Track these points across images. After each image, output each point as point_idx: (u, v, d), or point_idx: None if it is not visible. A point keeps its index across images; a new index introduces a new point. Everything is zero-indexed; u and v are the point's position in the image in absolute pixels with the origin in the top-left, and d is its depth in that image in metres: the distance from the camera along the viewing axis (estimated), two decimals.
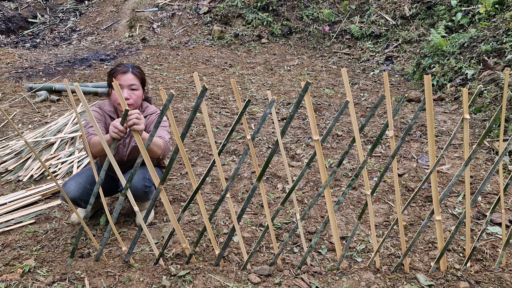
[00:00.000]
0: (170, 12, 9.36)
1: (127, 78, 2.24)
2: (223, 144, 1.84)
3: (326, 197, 1.93)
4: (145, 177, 2.35)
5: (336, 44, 8.28)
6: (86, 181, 2.35)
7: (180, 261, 2.13)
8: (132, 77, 2.25)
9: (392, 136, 1.79)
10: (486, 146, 3.67)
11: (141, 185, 2.32)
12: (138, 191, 2.32)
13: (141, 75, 2.33)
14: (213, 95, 5.32)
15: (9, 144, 3.57)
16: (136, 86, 2.27)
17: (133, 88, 2.26)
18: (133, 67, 2.31)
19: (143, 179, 2.33)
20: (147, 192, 2.38)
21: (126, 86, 2.25)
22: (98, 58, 7.24)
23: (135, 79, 2.27)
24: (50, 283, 1.92)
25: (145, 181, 2.35)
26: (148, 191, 2.39)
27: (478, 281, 1.99)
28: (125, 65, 2.30)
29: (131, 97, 2.25)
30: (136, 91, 2.28)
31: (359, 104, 5.10)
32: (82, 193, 2.30)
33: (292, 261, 2.17)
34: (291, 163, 3.44)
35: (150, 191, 2.41)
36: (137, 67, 2.33)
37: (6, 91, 5.30)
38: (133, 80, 2.25)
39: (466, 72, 5.06)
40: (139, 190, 2.32)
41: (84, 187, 2.32)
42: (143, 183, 2.33)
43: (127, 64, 2.31)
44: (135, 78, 2.27)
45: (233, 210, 1.97)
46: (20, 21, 9.51)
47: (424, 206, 2.76)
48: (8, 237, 2.35)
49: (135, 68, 2.32)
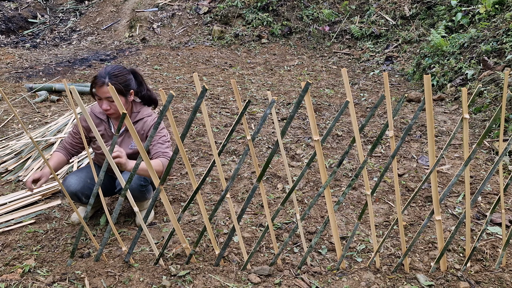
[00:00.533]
0: (170, 12, 9.36)
1: (103, 91, 2.19)
2: (223, 144, 1.84)
3: (326, 197, 1.93)
4: (140, 176, 2.34)
5: (336, 44, 8.28)
6: (86, 176, 2.39)
7: (180, 261, 2.13)
8: (108, 90, 2.18)
9: (392, 136, 1.79)
10: (486, 146, 3.67)
11: (137, 185, 2.33)
12: (134, 191, 2.32)
13: (119, 85, 2.21)
14: (213, 95, 5.33)
15: (9, 144, 3.57)
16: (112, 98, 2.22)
17: (111, 100, 2.21)
18: (110, 78, 2.21)
19: (139, 178, 2.34)
20: (143, 191, 2.39)
21: (104, 98, 2.22)
22: (98, 58, 7.24)
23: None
24: (50, 283, 1.92)
25: (141, 180, 2.35)
26: (145, 190, 2.40)
27: (478, 281, 1.99)
28: (101, 77, 2.20)
29: (110, 107, 2.23)
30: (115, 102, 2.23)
31: (359, 104, 5.10)
32: (83, 187, 2.33)
33: (292, 261, 2.17)
34: (291, 163, 3.44)
35: (146, 190, 2.42)
36: (114, 77, 2.22)
37: (6, 91, 5.30)
38: (109, 93, 2.18)
39: (466, 72, 5.06)
40: (135, 190, 2.33)
41: (84, 181, 2.35)
42: (138, 183, 2.34)
43: (104, 75, 2.21)
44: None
45: (233, 210, 1.97)
46: (20, 21, 9.51)
47: (424, 206, 2.76)
48: (8, 237, 2.35)
49: (111, 78, 2.21)
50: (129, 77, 2.30)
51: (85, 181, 2.36)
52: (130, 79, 2.30)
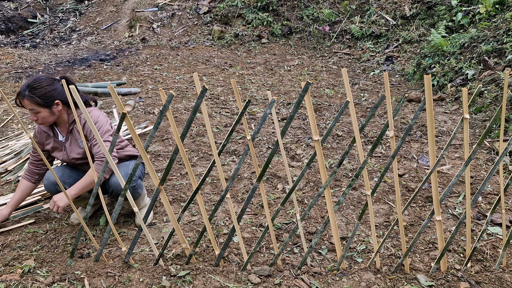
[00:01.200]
0: (170, 12, 9.35)
1: (25, 104, 2.18)
2: (223, 144, 1.84)
3: (326, 198, 1.93)
4: (128, 173, 2.37)
5: (336, 44, 8.28)
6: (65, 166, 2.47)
7: (180, 262, 2.12)
8: (28, 103, 2.16)
9: (392, 136, 1.79)
10: (487, 146, 3.67)
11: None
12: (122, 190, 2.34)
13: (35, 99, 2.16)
14: (213, 95, 5.32)
15: (9, 144, 3.57)
16: (35, 110, 2.18)
17: (34, 112, 2.19)
18: (29, 90, 2.15)
19: (126, 176, 2.35)
20: (134, 187, 2.40)
21: (29, 110, 2.20)
22: (98, 58, 7.24)
23: (31, 104, 2.16)
24: (50, 284, 1.92)
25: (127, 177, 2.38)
26: (135, 185, 2.41)
27: (478, 282, 1.98)
28: (22, 90, 2.17)
29: (37, 118, 2.22)
30: (38, 113, 2.19)
31: (359, 104, 5.09)
32: (62, 175, 2.40)
33: (292, 262, 2.17)
34: (291, 163, 3.43)
35: (137, 185, 2.43)
36: (33, 89, 2.16)
37: (6, 91, 5.30)
38: (30, 105, 2.17)
39: (466, 72, 5.06)
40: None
41: (63, 170, 2.43)
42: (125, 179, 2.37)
43: (24, 87, 2.17)
44: (31, 103, 2.16)
45: (233, 211, 1.96)
46: (19, 21, 9.51)
47: (424, 206, 2.75)
48: (8, 237, 2.35)
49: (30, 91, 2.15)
50: (51, 88, 2.21)
51: (64, 170, 2.43)
52: (53, 90, 2.21)
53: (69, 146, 2.36)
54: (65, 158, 2.39)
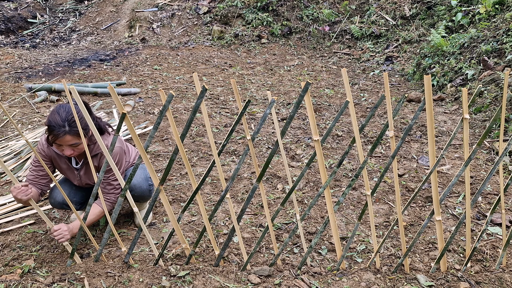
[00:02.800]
0: (170, 12, 9.35)
1: (66, 140, 2.01)
2: (223, 144, 1.84)
3: (326, 198, 1.93)
4: (147, 176, 2.44)
5: (336, 44, 8.28)
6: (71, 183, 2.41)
7: (180, 262, 2.12)
8: (71, 138, 2.02)
9: (392, 136, 1.79)
10: (486, 146, 3.67)
11: (146, 185, 2.41)
12: (144, 192, 2.40)
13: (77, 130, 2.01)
14: (213, 95, 5.32)
15: (9, 145, 3.57)
16: (77, 143, 2.05)
17: (75, 146, 2.07)
18: (69, 126, 2.00)
19: (146, 179, 2.42)
20: (151, 190, 2.47)
21: (67, 146, 2.06)
22: (97, 58, 7.24)
23: (74, 139, 2.03)
24: (50, 284, 1.92)
25: (148, 181, 2.44)
26: (152, 190, 2.48)
27: (478, 282, 1.98)
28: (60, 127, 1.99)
29: (74, 151, 2.08)
30: (79, 145, 2.07)
31: (359, 105, 5.09)
32: (69, 194, 2.36)
33: (292, 262, 2.17)
34: (291, 163, 3.43)
35: (153, 189, 2.49)
36: (73, 122, 2.01)
37: (5, 91, 5.30)
38: (72, 140, 2.03)
39: (466, 72, 5.06)
40: (145, 191, 2.41)
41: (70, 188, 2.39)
42: (147, 183, 2.42)
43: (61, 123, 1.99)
44: (73, 138, 2.02)
45: (233, 211, 1.96)
46: (19, 21, 9.51)
47: (424, 206, 2.75)
48: (8, 238, 2.35)
49: (71, 126, 2.01)
50: (82, 115, 2.07)
51: (71, 187, 2.38)
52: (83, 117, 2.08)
53: (83, 174, 2.28)
54: (77, 182, 2.33)
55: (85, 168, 2.26)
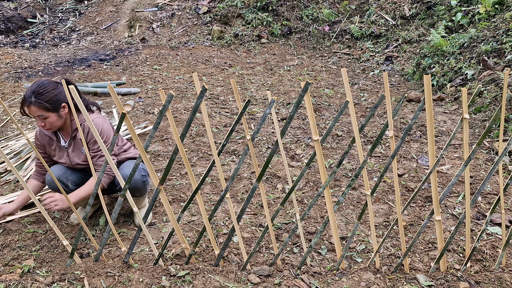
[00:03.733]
0: (170, 12, 9.35)
1: (32, 110, 2.14)
2: (222, 144, 1.84)
3: (326, 197, 1.93)
4: (140, 167, 2.42)
5: (336, 44, 8.28)
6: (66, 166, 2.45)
7: (179, 262, 2.12)
8: (35, 109, 2.13)
9: (392, 136, 1.79)
10: (486, 146, 3.67)
11: (139, 176, 2.39)
12: (137, 183, 2.38)
13: (44, 104, 2.13)
14: (213, 95, 5.32)
15: (9, 144, 3.57)
16: (43, 116, 2.15)
17: (42, 118, 2.17)
18: (35, 96, 2.12)
19: (139, 171, 2.40)
20: (145, 182, 2.44)
21: (36, 117, 2.17)
22: (97, 58, 7.24)
23: (39, 110, 2.13)
24: (50, 284, 1.92)
25: (141, 171, 2.42)
26: (146, 181, 2.45)
27: (478, 282, 1.98)
28: (28, 97, 2.12)
29: (45, 123, 2.19)
30: (47, 118, 2.17)
31: (359, 104, 5.09)
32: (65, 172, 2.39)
33: (292, 262, 2.17)
34: (291, 163, 3.43)
35: (147, 181, 2.47)
36: (39, 94, 2.12)
37: (5, 91, 5.30)
38: (37, 112, 2.14)
39: (466, 72, 5.06)
40: (138, 182, 2.39)
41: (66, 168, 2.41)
42: (140, 173, 2.40)
43: (29, 94, 2.13)
44: (39, 109, 2.13)
45: (233, 210, 1.96)
46: (19, 21, 9.50)
47: (424, 206, 2.75)
48: (8, 237, 2.35)
49: (37, 97, 2.12)
50: (56, 91, 2.18)
51: (67, 167, 2.41)
52: (59, 93, 2.19)
53: (71, 152, 2.35)
54: (67, 163, 2.38)
55: (73, 146, 2.34)
